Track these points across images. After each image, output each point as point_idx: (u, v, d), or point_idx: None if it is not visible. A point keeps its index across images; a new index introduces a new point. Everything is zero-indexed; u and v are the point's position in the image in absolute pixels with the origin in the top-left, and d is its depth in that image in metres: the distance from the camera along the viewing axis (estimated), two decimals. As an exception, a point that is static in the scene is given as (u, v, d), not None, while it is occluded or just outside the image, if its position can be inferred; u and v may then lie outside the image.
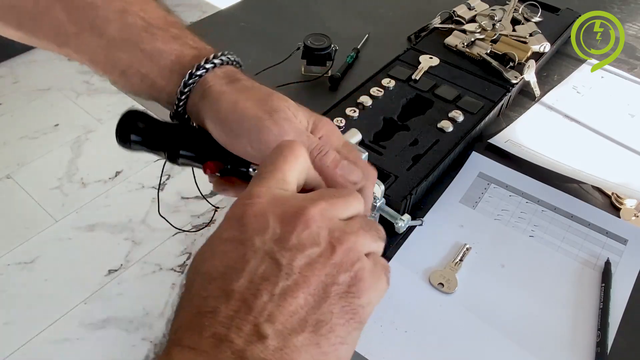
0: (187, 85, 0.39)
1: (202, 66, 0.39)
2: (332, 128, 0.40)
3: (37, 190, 1.70)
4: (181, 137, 0.41)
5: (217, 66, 0.40)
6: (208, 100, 0.38)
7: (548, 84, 0.78)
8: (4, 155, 1.80)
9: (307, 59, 0.75)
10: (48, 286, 1.44)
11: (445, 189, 0.61)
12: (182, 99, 0.40)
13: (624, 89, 0.78)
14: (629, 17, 0.95)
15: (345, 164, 0.36)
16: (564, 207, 0.60)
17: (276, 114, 0.36)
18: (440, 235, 0.56)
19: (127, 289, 1.45)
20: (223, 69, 0.40)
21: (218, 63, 0.40)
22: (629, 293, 0.52)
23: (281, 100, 0.38)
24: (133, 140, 0.41)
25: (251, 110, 0.37)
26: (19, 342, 1.32)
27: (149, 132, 0.41)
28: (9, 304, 1.40)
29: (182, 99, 0.40)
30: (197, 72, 0.39)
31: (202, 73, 0.39)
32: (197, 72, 0.39)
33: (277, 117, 0.36)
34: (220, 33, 0.86)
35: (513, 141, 0.67)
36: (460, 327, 0.49)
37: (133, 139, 0.41)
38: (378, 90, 0.67)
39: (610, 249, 0.56)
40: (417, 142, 0.61)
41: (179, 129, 0.41)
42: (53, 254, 1.52)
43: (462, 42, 0.75)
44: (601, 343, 0.47)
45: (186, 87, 0.39)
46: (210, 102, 0.38)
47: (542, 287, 0.52)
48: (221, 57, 0.40)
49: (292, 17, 0.91)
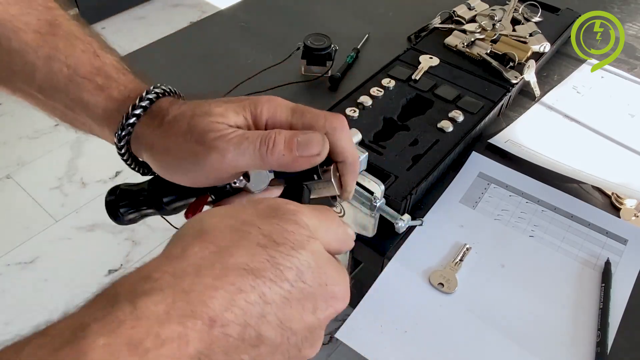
0: (121, 142, 0.38)
1: (125, 125, 0.37)
2: (273, 104, 0.35)
3: (37, 190, 1.69)
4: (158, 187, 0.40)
5: (144, 112, 0.37)
6: (147, 154, 0.37)
7: (548, 84, 0.78)
8: (4, 155, 1.80)
9: (307, 59, 0.75)
10: (48, 286, 1.44)
11: (445, 189, 0.61)
12: (123, 153, 0.38)
13: (624, 89, 0.78)
14: (629, 17, 0.95)
15: (301, 140, 0.32)
16: (564, 207, 0.60)
17: (206, 138, 0.33)
18: (440, 235, 0.56)
19: (127, 289, 1.45)
20: (149, 113, 0.37)
21: (143, 108, 0.37)
22: (629, 293, 0.52)
23: (204, 117, 0.34)
24: (123, 214, 0.41)
25: (183, 150, 0.34)
26: (19, 342, 1.32)
27: (132, 200, 0.41)
28: (9, 304, 1.40)
29: (123, 154, 0.38)
30: (122, 133, 0.37)
31: (128, 132, 0.37)
32: (122, 132, 0.37)
33: (208, 142, 0.33)
34: (220, 33, 0.86)
35: (513, 141, 0.67)
36: (460, 327, 0.49)
37: (122, 212, 0.41)
38: (378, 90, 0.67)
39: (610, 249, 0.56)
40: (417, 142, 0.61)
41: (154, 181, 0.41)
42: (53, 254, 1.52)
43: (462, 42, 0.75)
44: (601, 343, 0.47)
45: (121, 141, 0.37)
46: (149, 156, 0.37)
47: (542, 287, 0.52)
48: (148, 97, 0.37)
49: (292, 17, 0.91)
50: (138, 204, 0.41)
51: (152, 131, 0.36)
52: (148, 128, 0.36)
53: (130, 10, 2.49)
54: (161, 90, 0.38)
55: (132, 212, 0.41)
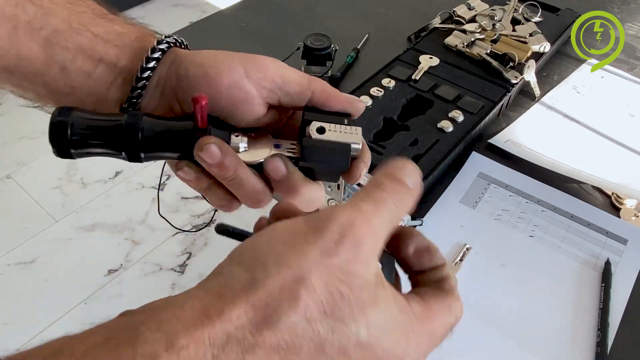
0: (155, 51, 0.36)
1: (170, 36, 0.38)
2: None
3: (37, 190, 1.69)
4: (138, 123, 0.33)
5: (181, 44, 0.39)
6: (180, 58, 0.36)
7: (548, 84, 0.78)
8: (4, 155, 1.80)
9: (307, 59, 0.75)
10: (48, 286, 1.44)
11: (445, 189, 0.61)
12: (149, 67, 0.36)
13: (624, 89, 0.78)
14: (629, 17, 0.95)
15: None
16: (564, 207, 0.60)
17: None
18: (440, 235, 0.56)
19: (127, 289, 1.45)
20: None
21: (180, 40, 0.39)
22: (629, 293, 0.52)
23: None
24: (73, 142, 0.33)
25: (234, 53, 0.36)
26: (19, 342, 1.32)
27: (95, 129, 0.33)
28: (9, 304, 1.40)
29: (148, 68, 0.36)
30: (168, 39, 0.37)
31: (172, 40, 0.37)
32: (167, 39, 0.37)
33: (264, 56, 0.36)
34: (220, 33, 0.86)
35: (513, 141, 0.67)
36: (460, 327, 0.49)
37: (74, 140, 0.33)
38: (378, 90, 0.67)
39: (610, 249, 0.56)
40: (417, 142, 0.61)
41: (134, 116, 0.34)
42: (53, 254, 1.52)
43: (462, 42, 0.75)
44: (601, 343, 0.47)
45: (154, 52, 0.36)
46: (184, 58, 0.36)
47: (542, 287, 0.52)
48: (180, 38, 0.39)
49: (292, 17, 0.91)
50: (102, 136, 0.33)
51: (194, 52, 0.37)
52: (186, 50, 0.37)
53: (130, 10, 2.50)
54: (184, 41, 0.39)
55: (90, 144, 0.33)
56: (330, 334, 0.20)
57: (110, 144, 0.33)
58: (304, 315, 0.20)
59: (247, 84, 0.34)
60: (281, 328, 0.19)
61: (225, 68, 0.34)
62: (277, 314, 0.19)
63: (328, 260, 0.21)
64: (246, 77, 0.34)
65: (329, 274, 0.21)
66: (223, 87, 0.34)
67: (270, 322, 0.19)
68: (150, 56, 0.36)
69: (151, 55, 0.36)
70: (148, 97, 0.37)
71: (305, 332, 0.20)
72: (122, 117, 0.33)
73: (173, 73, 0.36)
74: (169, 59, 0.37)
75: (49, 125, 0.33)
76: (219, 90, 0.34)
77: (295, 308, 0.20)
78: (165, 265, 1.50)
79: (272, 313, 0.19)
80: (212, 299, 0.20)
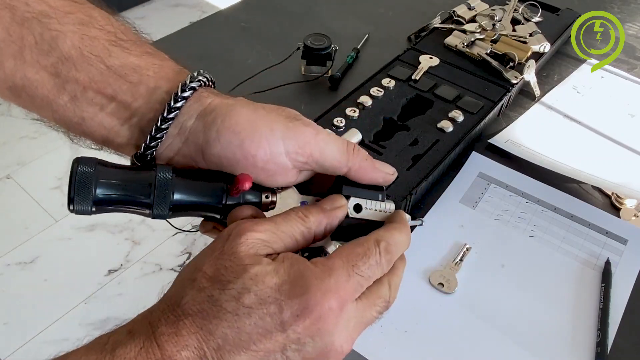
0: (178, 100, 0.32)
1: (195, 78, 0.34)
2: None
3: (37, 190, 1.69)
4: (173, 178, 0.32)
5: (206, 84, 0.35)
6: (213, 114, 0.33)
7: (548, 84, 0.78)
8: (4, 155, 1.80)
9: (307, 59, 0.75)
10: (48, 286, 1.44)
11: (445, 189, 0.61)
12: (170, 118, 0.33)
13: (624, 89, 0.78)
14: (629, 17, 0.95)
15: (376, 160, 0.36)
16: (564, 207, 0.60)
17: (299, 117, 0.35)
18: (440, 235, 0.56)
19: (127, 289, 1.45)
20: (210, 88, 0.35)
21: (206, 79, 0.35)
22: (629, 293, 0.52)
23: (292, 109, 0.36)
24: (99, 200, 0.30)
25: (274, 115, 0.33)
26: (19, 342, 1.32)
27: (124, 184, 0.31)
28: (9, 304, 1.40)
29: (169, 119, 0.33)
30: (192, 84, 0.33)
31: (196, 85, 0.34)
32: (191, 83, 0.33)
33: (302, 120, 0.34)
34: (220, 33, 0.86)
35: (513, 141, 0.67)
36: (460, 327, 0.49)
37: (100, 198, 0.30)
38: (378, 90, 0.67)
39: (610, 249, 0.56)
40: (417, 142, 0.61)
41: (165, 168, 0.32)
42: (53, 254, 1.52)
43: (462, 42, 0.75)
44: (601, 343, 0.47)
45: (177, 102, 0.32)
46: (217, 116, 0.32)
47: (542, 287, 0.52)
48: (206, 75, 0.35)
49: (292, 17, 0.91)
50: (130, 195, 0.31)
51: (224, 99, 0.34)
52: (216, 96, 0.34)
53: (130, 10, 2.49)
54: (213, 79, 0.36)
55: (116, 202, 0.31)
56: (221, 294, 0.28)
57: (137, 203, 0.31)
58: (198, 287, 0.28)
59: (285, 159, 0.33)
60: (185, 304, 0.28)
61: (264, 141, 0.32)
62: (180, 295, 0.28)
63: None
64: (285, 153, 0.33)
65: (218, 262, 0.29)
66: (259, 161, 0.33)
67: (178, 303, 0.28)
68: (173, 106, 0.33)
69: (173, 105, 0.33)
70: (167, 143, 0.34)
71: (200, 298, 0.28)
72: (151, 175, 0.31)
73: (201, 131, 0.33)
74: (194, 109, 0.33)
75: (70, 177, 0.30)
76: (254, 163, 0.33)
77: (191, 287, 0.28)
78: (165, 265, 1.50)
79: (177, 296, 0.29)
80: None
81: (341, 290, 0.29)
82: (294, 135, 0.33)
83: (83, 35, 0.33)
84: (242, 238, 0.29)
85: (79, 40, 0.32)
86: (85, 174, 0.29)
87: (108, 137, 0.35)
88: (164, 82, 0.34)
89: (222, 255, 0.29)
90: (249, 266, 0.28)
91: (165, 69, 0.35)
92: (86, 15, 0.34)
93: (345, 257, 0.31)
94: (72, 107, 0.33)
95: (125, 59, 0.33)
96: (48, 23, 0.32)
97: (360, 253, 0.31)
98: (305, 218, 0.32)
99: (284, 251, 0.31)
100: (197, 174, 0.33)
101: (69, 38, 0.32)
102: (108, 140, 0.35)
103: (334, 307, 0.29)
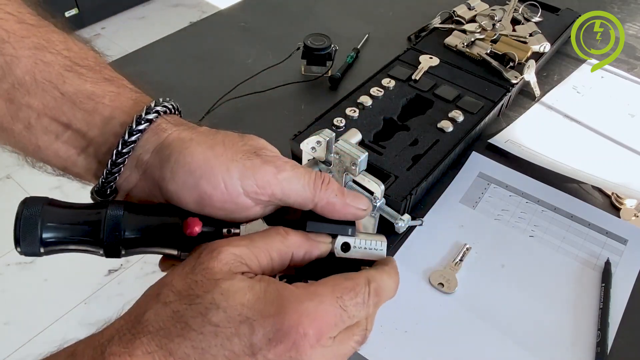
0: (132, 134, 0.31)
1: (152, 109, 0.32)
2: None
3: (37, 190, 1.69)
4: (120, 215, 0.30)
5: (165, 112, 0.33)
6: (168, 150, 0.31)
7: (548, 84, 0.78)
8: (4, 155, 1.79)
9: (307, 59, 0.75)
10: (48, 286, 1.44)
11: (445, 189, 0.61)
12: (125, 152, 0.31)
13: (624, 89, 0.78)
14: (629, 17, 0.95)
15: (350, 191, 0.33)
16: (564, 207, 0.60)
17: (262, 153, 0.32)
18: (440, 235, 0.56)
19: (127, 289, 1.45)
20: (171, 117, 0.33)
21: (165, 109, 0.33)
22: (629, 293, 0.52)
23: (257, 139, 0.33)
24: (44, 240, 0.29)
25: (232, 152, 0.31)
26: (19, 342, 1.32)
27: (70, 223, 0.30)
28: (9, 304, 1.40)
29: (125, 153, 0.31)
30: (148, 116, 0.31)
31: (153, 117, 0.32)
32: (147, 115, 0.31)
33: (265, 157, 0.31)
34: (220, 33, 0.86)
35: (513, 141, 0.67)
36: (460, 327, 0.49)
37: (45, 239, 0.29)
38: (378, 90, 0.67)
39: (610, 249, 0.56)
40: (417, 142, 0.61)
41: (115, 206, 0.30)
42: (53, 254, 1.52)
43: (462, 42, 0.75)
44: (601, 343, 0.47)
45: (132, 135, 0.31)
46: (172, 153, 0.31)
47: (542, 287, 0.52)
48: (165, 104, 0.33)
49: (292, 17, 0.91)
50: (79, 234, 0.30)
51: (183, 130, 0.32)
52: (175, 127, 0.32)
53: (130, 10, 2.50)
54: (177, 105, 0.34)
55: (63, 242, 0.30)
56: (187, 309, 0.26)
57: (87, 242, 0.30)
58: (164, 301, 0.27)
59: (244, 199, 0.31)
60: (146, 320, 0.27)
61: (220, 182, 0.30)
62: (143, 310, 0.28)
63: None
64: (243, 193, 0.30)
65: (188, 277, 0.28)
66: (216, 202, 0.31)
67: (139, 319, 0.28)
68: (127, 140, 0.31)
69: (128, 139, 0.31)
70: (125, 176, 0.33)
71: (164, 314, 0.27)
72: (101, 213, 0.30)
73: (157, 167, 0.31)
74: (150, 142, 0.32)
75: (15, 220, 0.28)
76: (212, 204, 0.31)
77: (156, 300, 0.28)
78: (165, 265, 1.50)
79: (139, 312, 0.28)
80: None
81: (320, 318, 0.27)
82: (252, 174, 0.30)
83: (37, 60, 0.31)
84: (215, 253, 0.28)
85: (33, 66, 0.31)
86: (31, 217, 0.29)
87: (66, 166, 0.34)
88: (119, 113, 0.32)
89: (194, 270, 0.28)
90: (220, 281, 0.27)
91: (122, 97, 0.33)
92: (43, 39, 0.32)
93: (331, 286, 0.29)
94: (28, 134, 0.32)
95: (81, 85, 0.32)
96: (2, 48, 0.31)
97: (349, 287, 0.29)
98: (286, 236, 0.31)
99: (259, 270, 0.29)
100: (152, 210, 0.32)
101: (23, 63, 0.31)
102: (67, 168, 0.34)
103: (310, 334, 0.26)
